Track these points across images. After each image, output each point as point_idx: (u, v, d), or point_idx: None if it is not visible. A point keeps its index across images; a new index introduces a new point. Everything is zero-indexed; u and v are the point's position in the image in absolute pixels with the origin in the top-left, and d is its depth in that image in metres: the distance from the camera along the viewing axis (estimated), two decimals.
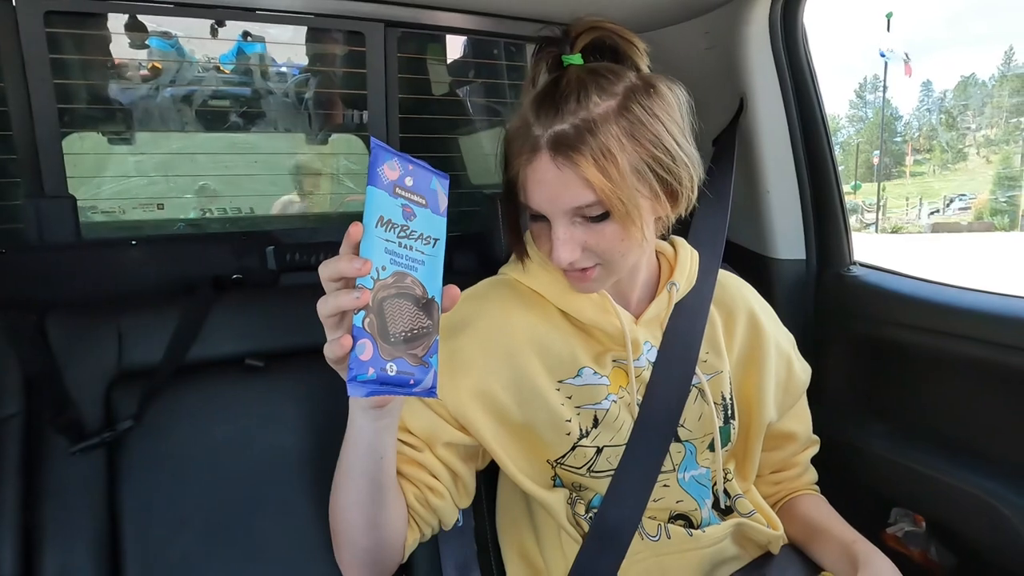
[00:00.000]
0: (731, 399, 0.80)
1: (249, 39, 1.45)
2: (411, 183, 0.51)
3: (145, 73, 1.38)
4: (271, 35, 1.47)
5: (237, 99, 1.51)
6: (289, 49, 1.51)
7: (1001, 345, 0.88)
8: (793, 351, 0.87)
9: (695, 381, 0.76)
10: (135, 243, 0.98)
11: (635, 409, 0.74)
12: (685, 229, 0.87)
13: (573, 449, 0.72)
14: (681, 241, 0.83)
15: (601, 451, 0.72)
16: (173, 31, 1.35)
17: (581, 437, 0.72)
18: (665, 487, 0.75)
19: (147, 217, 1.44)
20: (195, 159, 1.46)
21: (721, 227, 0.91)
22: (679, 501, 0.76)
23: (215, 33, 1.34)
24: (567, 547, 0.74)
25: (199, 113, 1.43)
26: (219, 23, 1.32)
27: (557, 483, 0.75)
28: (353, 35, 1.25)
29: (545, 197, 0.64)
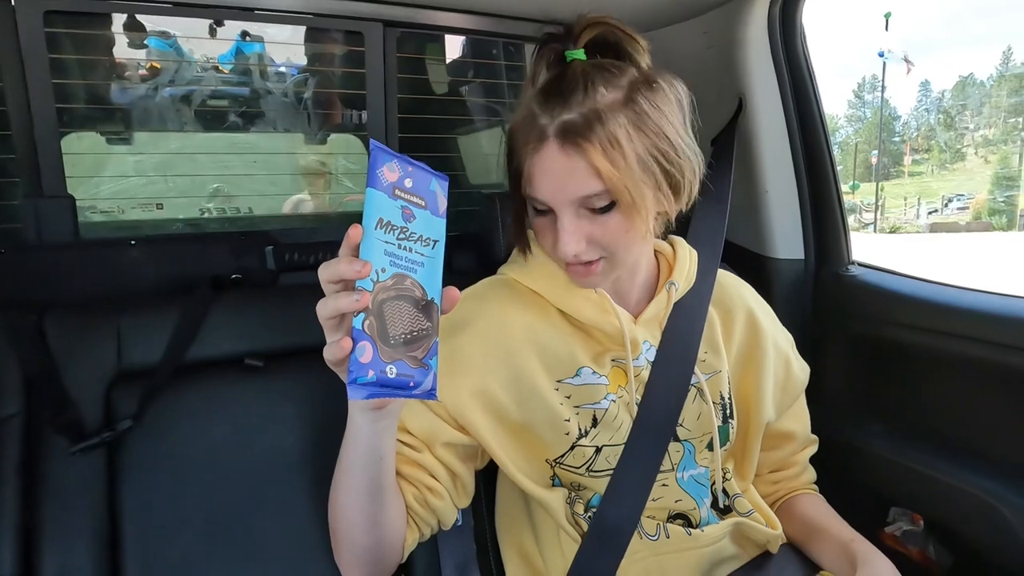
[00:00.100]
0: (730, 399, 0.80)
1: (248, 39, 1.45)
2: (410, 185, 0.51)
3: (144, 73, 1.38)
4: (270, 35, 1.47)
5: (236, 99, 1.51)
6: (288, 49, 1.51)
7: (999, 345, 0.88)
8: (792, 350, 0.87)
9: (694, 381, 0.76)
10: (134, 243, 0.98)
11: (634, 409, 0.74)
12: (684, 229, 0.87)
13: (572, 449, 0.72)
14: (680, 241, 0.83)
15: (600, 451, 0.72)
16: (172, 31, 1.35)
17: (580, 437, 0.72)
18: (664, 486, 0.75)
19: (146, 217, 1.43)
20: (194, 159, 1.46)
21: (720, 227, 0.91)
22: (678, 500, 0.76)
23: (214, 33, 1.34)
24: (566, 547, 0.74)
25: (198, 113, 1.43)
26: (218, 23, 1.32)
27: (556, 483, 0.75)
28: (352, 35, 1.25)
29: (552, 187, 0.64)
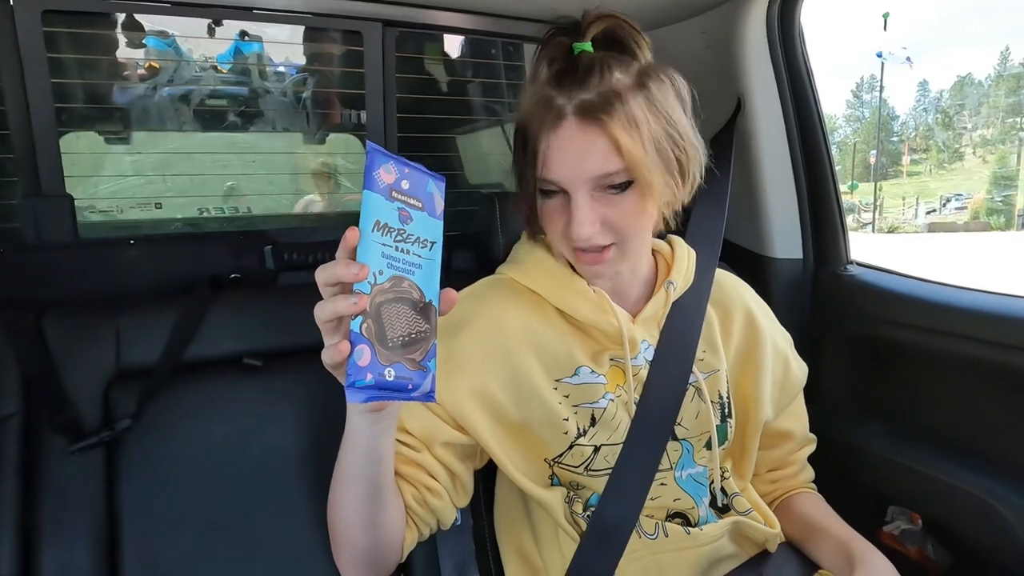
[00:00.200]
0: (728, 397, 0.80)
1: (246, 38, 1.45)
2: (407, 186, 0.50)
3: (142, 72, 1.37)
4: (268, 34, 1.47)
5: (235, 98, 1.51)
6: (287, 48, 1.51)
7: (997, 344, 0.88)
8: (790, 350, 0.87)
9: (692, 380, 0.77)
10: (133, 242, 0.98)
11: (632, 408, 0.74)
12: (682, 228, 0.87)
13: (570, 448, 0.72)
14: (678, 240, 0.83)
15: (598, 450, 0.72)
16: (170, 30, 1.35)
17: (578, 436, 0.72)
18: (662, 485, 0.75)
19: (144, 216, 1.43)
20: (192, 158, 1.46)
21: (718, 226, 0.91)
22: (676, 499, 0.76)
23: (212, 32, 1.34)
24: (565, 546, 0.74)
25: (196, 112, 1.43)
26: (216, 22, 1.31)
27: (555, 482, 0.75)
28: (351, 34, 1.25)
29: (569, 165, 0.64)
